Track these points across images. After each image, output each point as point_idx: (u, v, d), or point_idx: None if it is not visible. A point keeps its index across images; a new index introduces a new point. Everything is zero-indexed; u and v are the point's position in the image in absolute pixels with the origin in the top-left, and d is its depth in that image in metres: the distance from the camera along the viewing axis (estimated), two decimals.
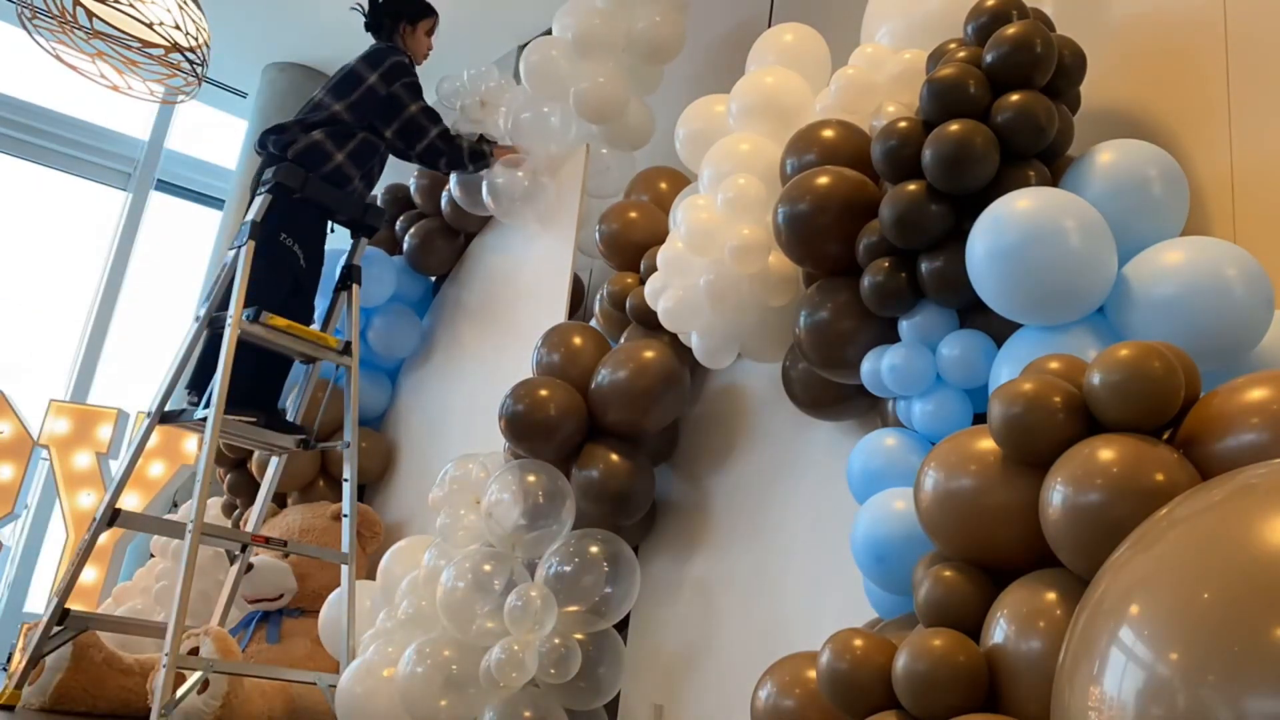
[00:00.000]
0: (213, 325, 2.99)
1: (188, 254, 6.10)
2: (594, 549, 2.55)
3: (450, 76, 3.86)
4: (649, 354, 2.67)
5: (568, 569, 2.51)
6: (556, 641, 2.42)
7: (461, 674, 2.40)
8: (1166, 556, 0.88)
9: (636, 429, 2.72)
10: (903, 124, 1.92)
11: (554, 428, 2.63)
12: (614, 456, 2.66)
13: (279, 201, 3.07)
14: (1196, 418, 1.27)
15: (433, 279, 4.27)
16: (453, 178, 3.80)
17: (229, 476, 4.06)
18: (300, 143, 3.15)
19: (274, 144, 3.17)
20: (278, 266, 3.08)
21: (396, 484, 4.00)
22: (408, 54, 3.50)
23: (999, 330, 1.84)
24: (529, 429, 2.64)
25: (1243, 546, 0.81)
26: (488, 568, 2.46)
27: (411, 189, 4.22)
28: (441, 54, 5.19)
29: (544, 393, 2.64)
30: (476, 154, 3.55)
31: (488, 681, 2.37)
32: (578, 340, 2.83)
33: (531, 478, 2.57)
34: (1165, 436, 1.30)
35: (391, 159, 3.56)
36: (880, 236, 1.96)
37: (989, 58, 1.85)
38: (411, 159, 3.57)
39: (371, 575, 3.20)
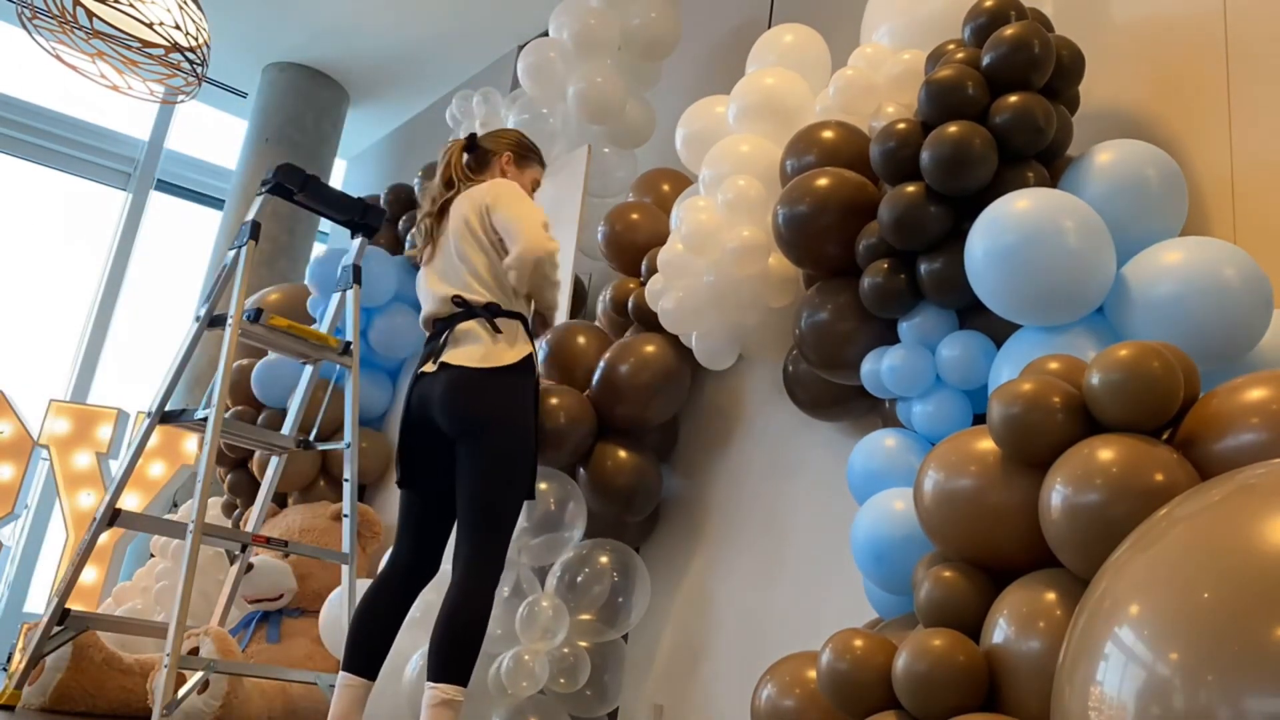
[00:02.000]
0: (216, 325, 2.98)
1: (188, 254, 6.10)
2: (604, 559, 2.55)
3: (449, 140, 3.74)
4: (648, 348, 2.68)
5: (578, 579, 2.51)
6: (565, 651, 2.42)
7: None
8: (1166, 557, 0.88)
9: (640, 423, 2.72)
10: (901, 125, 1.93)
11: (564, 435, 2.63)
12: (621, 453, 2.67)
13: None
14: (1196, 418, 1.27)
15: None
16: None
17: (229, 476, 4.06)
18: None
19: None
20: None
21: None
22: None
23: (998, 331, 1.84)
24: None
25: (1242, 547, 0.81)
26: None
27: (415, 189, 4.22)
28: (442, 56, 5.21)
29: (554, 401, 2.64)
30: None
31: (496, 689, 2.37)
32: (581, 340, 2.84)
33: (542, 485, 2.57)
34: (1164, 437, 1.30)
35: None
36: (879, 238, 1.96)
37: (987, 59, 1.85)
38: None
39: (371, 575, 3.20)
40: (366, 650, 2.15)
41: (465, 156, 2.48)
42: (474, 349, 2.21)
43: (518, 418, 2.21)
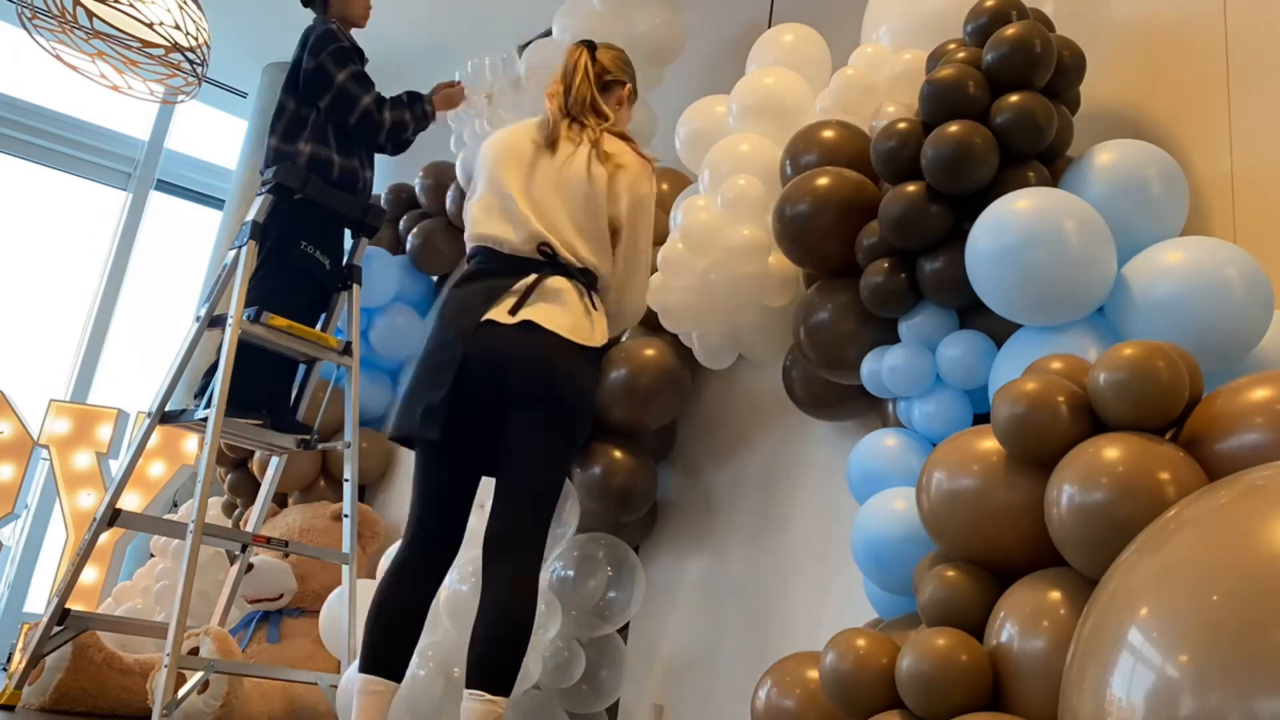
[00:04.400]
0: (216, 325, 2.98)
1: (188, 254, 6.10)
2: (598, 554, 2.55)
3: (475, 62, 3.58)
4: (649, 352, 2.67)
5: (571, 573, 2.51)
6: (559, 646, 2.42)
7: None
8: (1175, 558, 0.88)
9: (637, 426, 2.72)
10: (902, 125, 1.93)
11: None
12: (616, 454, 2.66)
13: (282, 204, 3.06)
14: (1200, 417, 1.27)
15: (434, 278, 4.27)
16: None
17: (229, 476, 4.06)
18: (269, 155, 3.14)
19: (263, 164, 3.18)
20: (301, 276, 3.08)
21: (397, 484, 4.00)
22: (335, 22, 3.28)
23: (999, 330, 1.84)
24: None
25: (1251, 548, 0.81)
26: None
27: (416, 189, 4.22)
28: (442, 56, 5.20)
29: None
30: (419, 115, 3.33)
31: None
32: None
33: None
34: (1169, 436, 1.30)
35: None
36: (880, 237, 1.96)
37: (988, 58, 1.85)
38: (354, 136, 3.25)
39: (371, 576, 3.20)
40: (394, 648, 1.88)
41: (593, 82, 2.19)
42: (564, 315, 1.96)
43: (591, 404, 2.05)
